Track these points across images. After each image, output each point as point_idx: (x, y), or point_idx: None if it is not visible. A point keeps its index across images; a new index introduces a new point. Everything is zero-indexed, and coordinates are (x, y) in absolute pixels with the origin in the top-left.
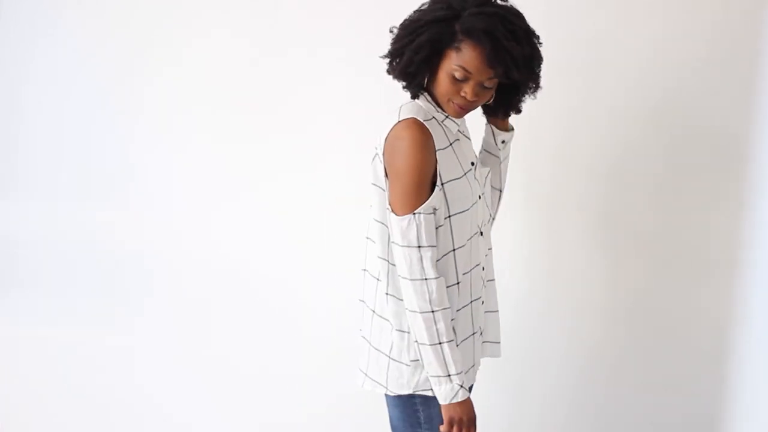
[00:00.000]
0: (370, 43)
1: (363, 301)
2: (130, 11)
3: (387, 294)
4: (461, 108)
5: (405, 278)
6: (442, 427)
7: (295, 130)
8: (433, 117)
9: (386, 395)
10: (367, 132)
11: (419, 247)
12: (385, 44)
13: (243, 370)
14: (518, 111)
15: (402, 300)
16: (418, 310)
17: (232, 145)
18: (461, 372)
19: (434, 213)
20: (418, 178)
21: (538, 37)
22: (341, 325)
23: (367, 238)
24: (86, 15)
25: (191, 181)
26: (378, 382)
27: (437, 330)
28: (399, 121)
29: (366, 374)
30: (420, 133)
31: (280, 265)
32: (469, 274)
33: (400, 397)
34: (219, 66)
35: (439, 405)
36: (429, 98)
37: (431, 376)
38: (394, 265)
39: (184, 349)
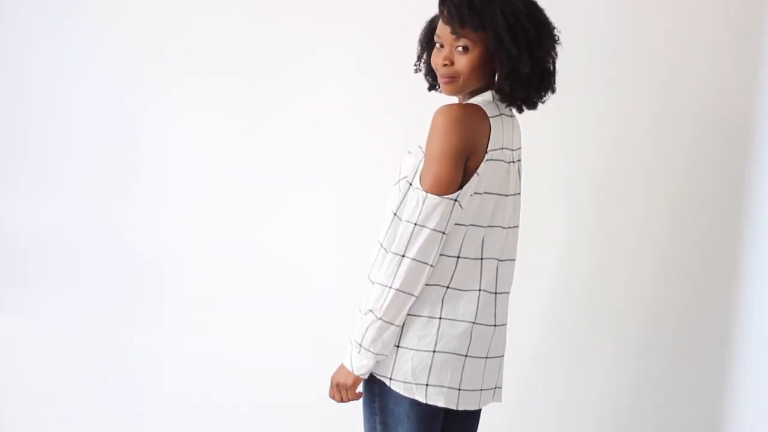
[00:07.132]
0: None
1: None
2: (136, 7)
3: None
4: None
5: None
6: None
7: (309, 125)
8: None
9: None
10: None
11: None
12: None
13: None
14: (535, 102)
15: None
16: None
17: (243, 141)
18: None
19: None
20: None
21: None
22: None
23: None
24: (92, 8)
25: (202, 178)
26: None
27: None
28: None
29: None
30: None
31: (295, 262)
32: None
33: None
34: (228, 59)
35: None
36: None
37: None
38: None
39: (193, 348)
